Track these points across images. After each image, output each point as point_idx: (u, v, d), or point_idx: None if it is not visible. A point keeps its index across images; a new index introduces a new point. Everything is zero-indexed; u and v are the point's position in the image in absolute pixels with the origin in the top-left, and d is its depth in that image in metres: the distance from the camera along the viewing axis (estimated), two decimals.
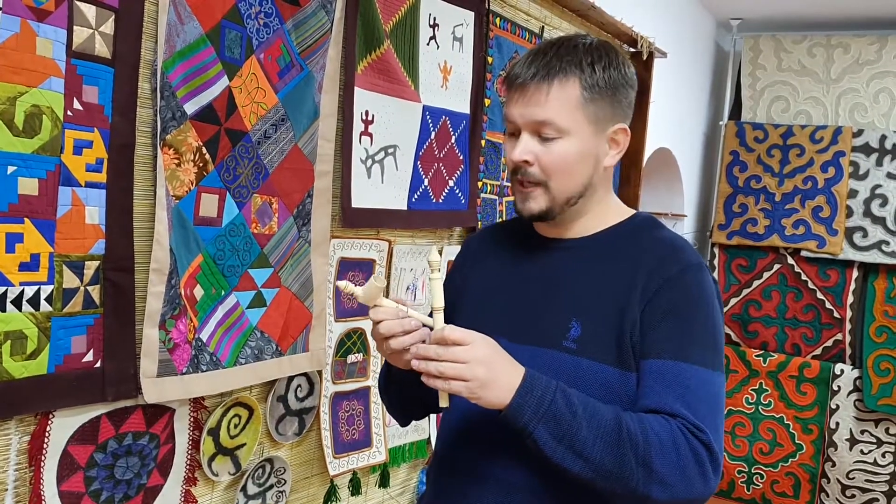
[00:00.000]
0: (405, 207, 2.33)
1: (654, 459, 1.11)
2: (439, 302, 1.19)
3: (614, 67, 1.27)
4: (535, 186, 1.28)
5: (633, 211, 1.39)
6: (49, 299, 1.43)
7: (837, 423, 4.64)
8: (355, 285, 1.21)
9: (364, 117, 2.14)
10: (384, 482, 2.43)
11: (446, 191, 2.51)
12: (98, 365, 1.52)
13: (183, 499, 1.78)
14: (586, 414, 1.13)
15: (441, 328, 1.14)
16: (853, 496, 4.65)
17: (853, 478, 4.63)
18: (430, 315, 1.22)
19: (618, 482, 1.12)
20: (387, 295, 2.23)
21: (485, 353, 1.12)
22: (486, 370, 1.11)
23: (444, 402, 1.19)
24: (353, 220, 2.12)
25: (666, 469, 1.11)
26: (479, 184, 2.67)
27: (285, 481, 2.05)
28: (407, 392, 1.40)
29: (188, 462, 1.78)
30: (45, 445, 1.47)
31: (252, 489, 1.97)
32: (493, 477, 1.28)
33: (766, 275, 4.87)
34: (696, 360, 1.19)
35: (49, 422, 1.47)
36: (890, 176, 4.57)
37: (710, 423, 1.15)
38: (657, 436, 1.12)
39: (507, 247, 1.43)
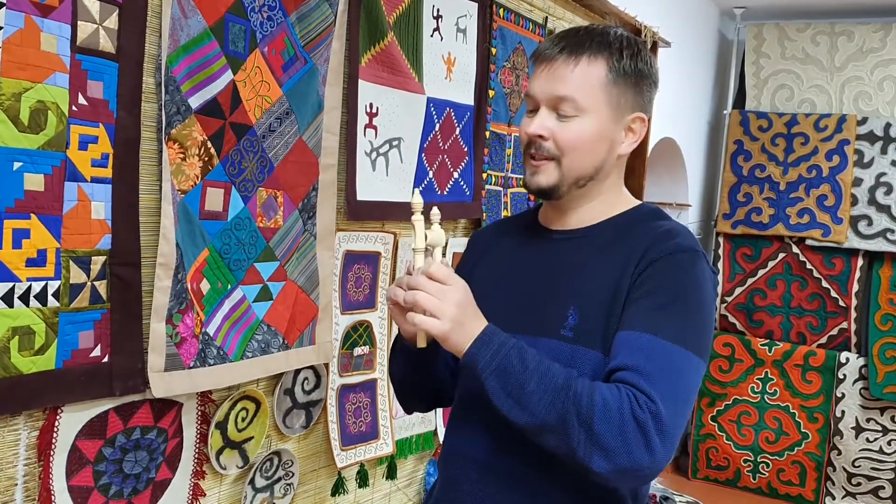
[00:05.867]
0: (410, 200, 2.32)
1: (595, 421, 1.09)
2: (420, 243, 1.24)
3: (641, 59, 1.29)
4: (546, 161, 1.28)
5: (639, 202, 1.39)
6: (56, 295, 1.43)
7: (843, 412, 4.64)
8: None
9: (368, 110, 2.13)
10: (391, 474, 2.43)
11: (451, 183, 2.50)
12: (106, 360, 1.53)
13: (191, 492, 1.79)
14: (538, 372, 1.14)
15: (429, 264, 1.21)
16: (859, 484, 4.65)
17: (859, 466, 4.64)
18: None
19: (561, 440, 1.12)
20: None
21: (460, 296, 1.18)
22: (457, 312, 1.17)
23: (421, 343, 1.26)
24: (358, 212, 2.12)
25: (607, 433, 1.08)
26: (484, 175, 2.66)
27: (293, 474, 2.06)
28: (409, 367, 1.43)
29: (196, 456, 1.79)
30: (53, 440, 1.47)
31: (260, 482, 1.97)
32: (502, 468, 1.29)
33: (770, 264, 4.87)
34: (666, 335, 1.16)
35: (57, 417, 1.47)
36: (895, 164, 4.55)
37: (665, 395, 1.11)
38: (603, 399, 1.10)
39: (511, 239, 1.44)
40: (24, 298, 1.38)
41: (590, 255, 1.30)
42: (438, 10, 2.39)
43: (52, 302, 1.43)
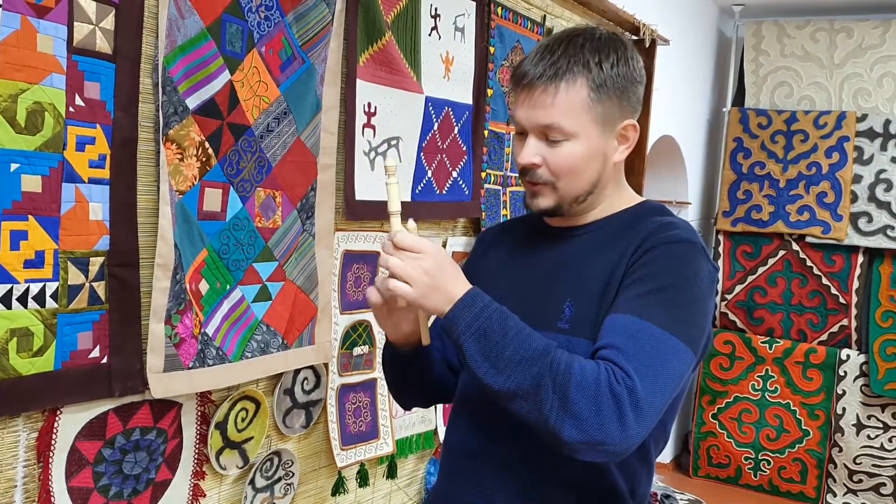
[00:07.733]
0: (409, 199, 2.32)
1: (571, 389, 1.07)
2: (395, 206, 1.25)
3: (623, 63, 1.26)
4: (543, 185, 1.29)
5: (643, 199, 1.39)
6: (54, 296, 1.43)
7: (844, 409, 4.64)
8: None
9: (366, 109, 2.13)
10: (392, 473, 2.43)
11: (450, 182, 2.50)
12: (104, 361, 1.53)
13: (191, 493, 1.79)
14: (518, 337, 1.13)
15: (395, 232, 1.21)
16: (860, 481, 4.65)
17: (860, 463, 4.64)
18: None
19: (534, 406, 1.10)
20: None
21: (430, 263, 1.17)
22: (428, 278, 1.17)
23: (425, 340, 1.25)
24: (356, 212, 2.12)
25: (581, 402, 1.07)
26: (483, 174, 2.66)
27: (293, 474, 2.06)
28: (400, 364, 1.43)
29: (196, 456, 1.79)
30: (53, 442, 1.47)
31: (260, 482, 1.97)
32: (496, 457, 1.31)
33: (771, 261, 4.87)
34: (652, 318, 1.15)
35: (57, 418, 1.47)
36: (894, 160, 4.55)
37: (644, 374, 1.09)
38: (581, 370, 1.09)
39: (517, 237, 1.45)
40: (23, 300, 1.38)
41: (589, 249, 1.31)
42: (436, 10, 2.38)
43: (50, 303, 1.43)
